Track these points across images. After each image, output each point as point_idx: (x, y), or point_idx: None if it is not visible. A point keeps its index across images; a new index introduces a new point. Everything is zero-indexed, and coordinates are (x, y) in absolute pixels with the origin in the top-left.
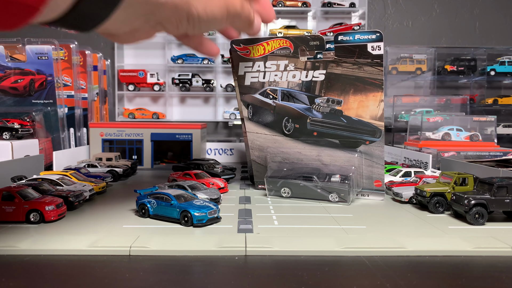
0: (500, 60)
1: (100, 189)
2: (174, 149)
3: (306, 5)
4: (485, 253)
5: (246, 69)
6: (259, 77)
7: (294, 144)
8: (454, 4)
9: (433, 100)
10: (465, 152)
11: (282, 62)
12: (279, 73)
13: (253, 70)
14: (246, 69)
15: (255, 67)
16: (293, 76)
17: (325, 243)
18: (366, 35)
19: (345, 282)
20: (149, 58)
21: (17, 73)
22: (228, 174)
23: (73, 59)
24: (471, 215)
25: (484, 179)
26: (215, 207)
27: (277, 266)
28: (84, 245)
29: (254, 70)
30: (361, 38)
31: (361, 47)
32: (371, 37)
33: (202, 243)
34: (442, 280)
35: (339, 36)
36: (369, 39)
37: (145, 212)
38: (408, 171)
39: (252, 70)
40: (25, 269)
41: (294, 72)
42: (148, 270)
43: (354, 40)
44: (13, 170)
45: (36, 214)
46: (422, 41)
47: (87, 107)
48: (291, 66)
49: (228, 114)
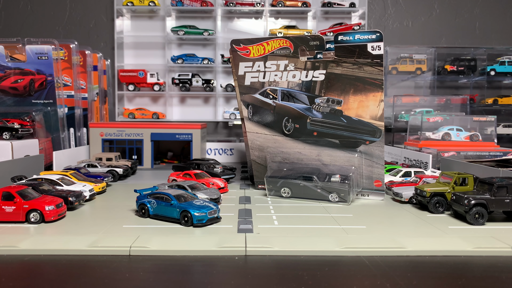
0: (500, 60)
1: (100, 189)
2: (174, 149)
3: (306, 5)
4: (485, 253)
5: (246, 69)
6: (259, 77)
7: (294, 144)
8: (454, 4)
9: (433, 100)
10: (465, 152)
11: (282, 62)
12: (279, 73)
13: (253, 70)
14: (246, 69)
15: (255, 67)
16: (293, 76)
17: (325, 243)
18: (366, 35)
19: (345, 282)
20: (149, 58)
21: (17, 73)
22: (228, 174)
23: (73, 59)
24: (471, 215)
25: (484, 179)
26: (215, 207)
27: (277, 266)
28: (84, 245)
29: (254, 70)
30: (361, 38)
31: (361, 47)
32: (371, 37)
33: (202, 243)
34: (442, 280)
35: (339, 36)
36: (369, 39)
37: (145, 212)
38: (408, 171)
39: (252, 70)
40: (25, 269)
41: (294, 72)
42: (148, 270)
43: (354, 40)
44: (13, 170)
45: (36, 214)
46: (422, 41)
47: (87, 107)
48: (291, 66)
49: (228, 114)
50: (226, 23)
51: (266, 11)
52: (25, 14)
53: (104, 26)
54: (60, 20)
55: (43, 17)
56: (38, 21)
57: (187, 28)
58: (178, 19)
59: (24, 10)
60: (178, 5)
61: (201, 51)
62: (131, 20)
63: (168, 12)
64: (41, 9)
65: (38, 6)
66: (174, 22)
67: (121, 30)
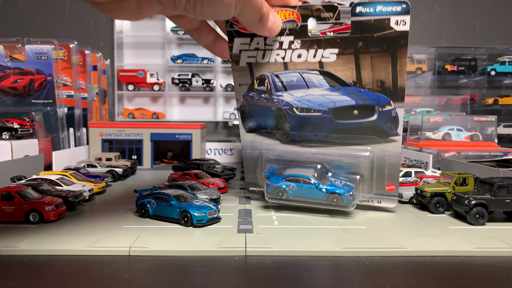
0: (500, 60)
1: (99, 189)
2: (174, 149)
3: None
4: (486, 253)
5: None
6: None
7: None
8: (454, 4)
9: (433, 100)
10: (466, 152)
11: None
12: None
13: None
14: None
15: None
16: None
17: (325, 243)
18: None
19: (345, 282)
20: (149, 58)
21: (17, 73)
22: (228, 174)
23: (72, 59)
24: (471, 215)
25: (485, 179)
26: (215, 207)
27: (277, 266)
28: (84, 245)
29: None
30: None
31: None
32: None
33: (202, 243)
34: (442, 280)
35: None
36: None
37: (144, 212)
38: (408, 171)
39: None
40: (25, 269)
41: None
42: (147, 270)
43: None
44: (13, 170)
45: (36, 214)
46: (422, 41)
47: (86, 107)
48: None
49: (228, 114)
50: None
51: None
52: (25, 14)
53: (104, 26)
54: (59, 20)
55: (42, 17)
56: (38, 21)
57: None
58: None
59: (24, 10)
60: None
61: (201, 51)
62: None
63: None
64: (40, 9)
65: (38, 6)
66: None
67: (121, 30)
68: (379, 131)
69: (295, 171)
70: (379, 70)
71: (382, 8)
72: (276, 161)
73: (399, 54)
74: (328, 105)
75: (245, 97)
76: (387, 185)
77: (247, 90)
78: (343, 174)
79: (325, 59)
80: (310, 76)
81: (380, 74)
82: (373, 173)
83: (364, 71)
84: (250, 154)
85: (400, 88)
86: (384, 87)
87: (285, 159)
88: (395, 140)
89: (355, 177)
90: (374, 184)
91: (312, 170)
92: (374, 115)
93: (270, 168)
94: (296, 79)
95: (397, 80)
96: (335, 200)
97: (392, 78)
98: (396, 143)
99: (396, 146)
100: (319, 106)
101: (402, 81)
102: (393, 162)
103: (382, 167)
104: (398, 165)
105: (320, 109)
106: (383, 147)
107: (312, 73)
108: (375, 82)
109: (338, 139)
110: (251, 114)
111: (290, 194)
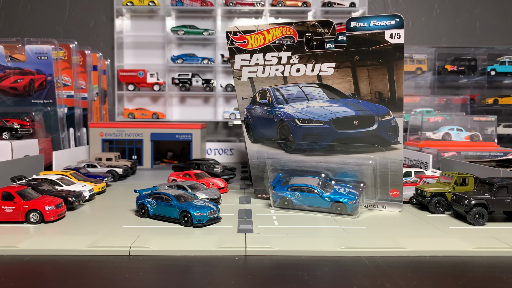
0: (500, 60)
1: (100, 189)
2: (174, 149)
3: (306, 5)
4: (486, 253)
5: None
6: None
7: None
8: (454, 4)
9: (433, 100)
10: (466, 152)
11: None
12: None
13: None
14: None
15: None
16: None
17: (325, 243)
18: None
19: (345, 282)
20: (149, 58)
21: (17, 73)
22: (228, 174)
23: (72, 59)
24: (471, 215)
25: (485, 179)
26: (215, 207)
27: (277, 266)
28: (84, 245)
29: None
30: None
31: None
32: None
33: (202, 243)
34: (442, 280)
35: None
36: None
37: (144, 212)
38: (408, 171)
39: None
40: (25, 269)
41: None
42: (148, 270)
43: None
44: (13, 170)
45: (36, 214)
46: (422, 41)
47: (86, 107)
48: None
49: (228, 114)
50: (226, 23)
51: (266, 11)
52: (25, 14)
53: (104, 26)
54: (60, 20)
55: (43, 17)
56: (38, 21)
57: (187, 28)
58: (178, 19)
59: (24, 10)
60: (178, 5)
61: (201, 51)
62: (131, 20)
63: (168, 12)
64: (41, 9)
65: (38, 6)
66: (174, 22)
67: (121, 30)
68: (380, 140)
69: (300, 180)
70: (377, 82)
71: (376, 22)
72: (282, 170)
73: (395, 67)
74: (328, 116)
75: (248, 110)
76: (391, 191)
77: (250, 103)
78: (347, 182)
79: (323, 73)
80: (309, 89)
81: (378, 85)
82: (376, 179)
83: (362, 83)
84: (257, 164)
85: (398, 98)
86: (382, 98)
87: (290, 168)
88: (396, 148)
89: (359, 184)
90: (378, 190)
91: (317, 178)
92: (374, 125)
93: (275, 177)
94: (296, 92)
95: (395, 91)
96: (339, 208)
97: (389, 89)
98: (397, 151)
99: (398, 154)
100: (320, 117)
101: (400, 92)
102: (395, 169)
103: (385, 174)
104: (400, 171)
105: (321, 120)
106: (385, 155)
107: (312, 86)
108: (373, 93)
109: (341, 147)
110: (255, 126)
111: (296, 203)
